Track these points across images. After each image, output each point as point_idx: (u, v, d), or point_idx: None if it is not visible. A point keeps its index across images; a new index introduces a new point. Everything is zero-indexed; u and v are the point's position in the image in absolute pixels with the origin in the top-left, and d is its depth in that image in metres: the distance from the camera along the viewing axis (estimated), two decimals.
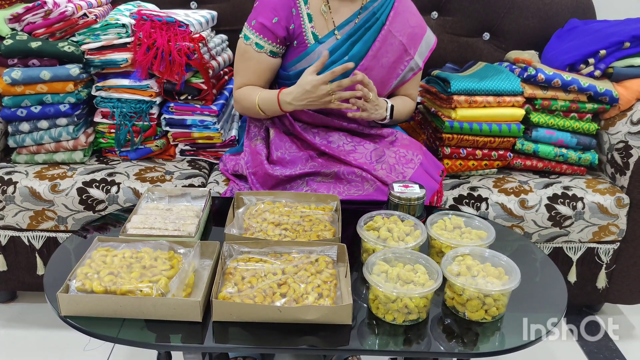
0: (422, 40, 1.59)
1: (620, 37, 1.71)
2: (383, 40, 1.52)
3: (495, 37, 2.09)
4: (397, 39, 1.53)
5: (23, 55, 1.64)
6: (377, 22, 1.52)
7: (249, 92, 1.53)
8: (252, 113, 1.55)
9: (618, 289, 1.76)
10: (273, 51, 1.50)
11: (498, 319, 1.02)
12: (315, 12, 1.51)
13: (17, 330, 1.76)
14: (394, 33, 1.53)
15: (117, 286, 0.98)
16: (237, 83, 1.56)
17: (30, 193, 1.60)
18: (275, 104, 1.45)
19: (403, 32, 1.54)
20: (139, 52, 1.67)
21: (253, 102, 1.50)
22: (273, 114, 1.51)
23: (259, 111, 1.50)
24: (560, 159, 1.74)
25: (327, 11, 1.51)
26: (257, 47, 1.49)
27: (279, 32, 1.48)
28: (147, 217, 1.22)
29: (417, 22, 1.58)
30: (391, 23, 1.52)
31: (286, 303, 0.98)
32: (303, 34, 1.50)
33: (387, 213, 1.23)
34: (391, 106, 1.54)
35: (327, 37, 1.52)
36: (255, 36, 1.48)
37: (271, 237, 1.16)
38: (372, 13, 1.52)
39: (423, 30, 1.60)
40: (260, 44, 1.48)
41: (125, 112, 1.73)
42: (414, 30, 1.57)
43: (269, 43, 1.49)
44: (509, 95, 1.69)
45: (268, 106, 1.48)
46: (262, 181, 1.52)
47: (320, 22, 1.52)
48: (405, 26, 1.55)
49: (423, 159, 1.53)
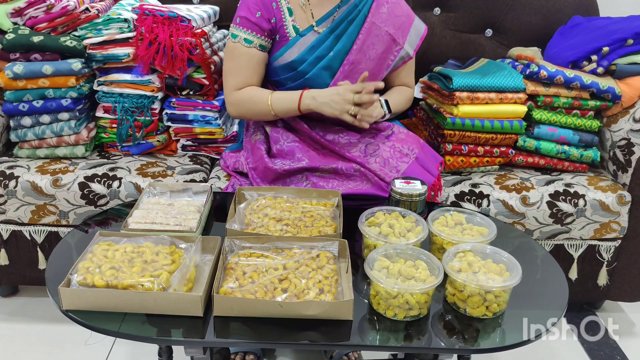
0: (411, 29, 1.59)
1: (623, 34, 1.70)
2: (367, 32, 1.52)
3: (497, 34, 2.09)
4: (382, 29, 1.53)
5: (25, 49, 1.64)
6: (360, 15, 1.52)
7: (254, 92, 1.50)
8: (256, 114, 1.52)
9: (619, 286, 1.76)
10: (262, 44, 1.50)
11: (499, 315, 1.02)
12: (295, 5, 1.51)
13: (19, 324, 1.77)
14: (378, 24, 1.52)
15: (118, 280, 0.99)
16: (232, 84, 1.51)
17: (32, 187, 1.60)
18: (296, 100, 1.44)
19: (388, 22, 1.54)
20: (141, 47, 1.66)
21: (263, 101, 1.47)
22: (285, 112, 1.49)
23: (269, 110, 1.48)
24: (562, 156, 1.74)
25: (306, 4, 1.51)
26: (246, 43, 1.48)
27: (264, 25, 1.48)
28: (148, 212, 1.22)
29: (403, 11, 1.58)
30: (374, 14, 1.52)
31: (287, 298, 0.98)
32: (284, 28, 1.51)
33: (388, 209, 1.23)
34: (385, 101, 1.54)
35: (308, 30, 1.52)
36: (242, 32, 1.48)
37: (272, 233, 1.16)
38: (354, 5, 1.52)
39: (410, 18, 1.60)
40: (248, 38, 1.48)
41: (127, 107, 1.73)
42: (400, 20, 1.56)
43: (257, 37, 1.49)
44: (511, 92, 1.69)
45: (283, 103, 1.47)
46: (263, 176, 1.52)
47: (301, 16, 1.52)
48: (390, 16, 1.54)
49: (419, 153, 1.53)
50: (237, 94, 1.51)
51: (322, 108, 1.42)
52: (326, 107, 1.41)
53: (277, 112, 1.48)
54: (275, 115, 1.49)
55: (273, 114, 1.49)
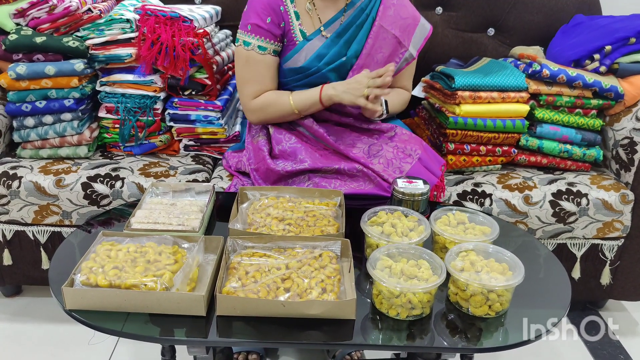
0: (416, 30, 1.58)
1: (625, 32, 1.70)
2: (375, 36, 1.51)
3: (499, 33, 2.08)
4: (389, 33, 1.53)
5: (28, 50, 1.64)
6: (368, 19, 1.51)
7: (274, 96, 1.52)
8: (278, 117, 1.53)
9: (622, 285, 1.76)
10: (275, 50, 1.50)
11: (501, 314, 1.02)
12: (302, 10, 1.51)
13: (22, 324, 1.77)
14: (385, 27, 1.52)
15: (121, 280, 0.99)
16: (250, 93, 1.52)
17: (35, 188, 1.61)
18: (317, 94, 1.47)
19: (395, 25, 1.53)
20: (143, 47, 1.67)
21: (286, 103, 1.50)
22: (309, 108, 1.50)
23: (293, 110, 1.50)
24: (565, 155, 1.74)
25: (312, 9, 1.51)
26: (260, 50, 1.48)
27: (275, 31, 1.48)
28: (151, 212, 1.23)
29: (409, 13, 1.57)
30: (382, 18, 1.51)
31: (290, 298, 0.98)
32: (292, 32, 1.50)
33: (391, 208, 1.23)
34: (385, 101, 1.53)
35: (315, 34, 1.51)
36: (255, 39, 1.47)
37: (275, 232, 1.17)
38: (361, 9, 1.51)
39: (416, 20, 1.58)
40: (262, 45, 1.48)
41: (130, 107, 1.73)
42: (405, 22, 1.56)
43: (270, 43, 1.49)
44: (514, 91, 1.69)
45: (305, 99, 1.49)
46: (265, 177, 1.52)
47: (307, 20, 1.51)
48: (397, 19, 1.54)
49: (422, 154, 1.52)
50: (257, 102, 1.52)
51: (341, 96, 1.45)
52: (345, 95, 1.45)
53: (300, 110, 1.51)
54: (299, 113, 1.51)
55: (297, 113, 1.51)
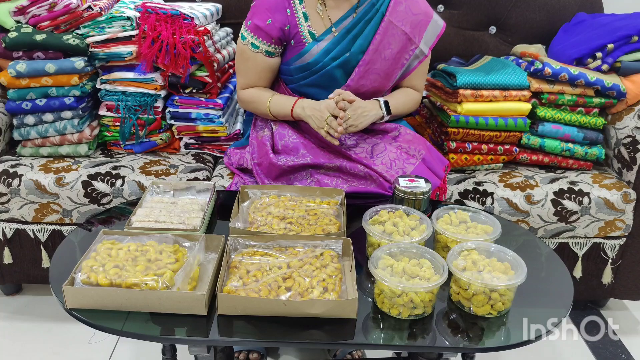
0: (428, 27, 1.55)
1: (628, 31, 1.70)
2: (384, 32, 1.50)
3: (501, 31, 2.08)
4: (399, 29, 1.51)
5: (28, 48, 1.64)
6: (377, 14, 1.50)
7: (257, 94, 1.58)
8: (259, 113, 1.61)
9: (624, 284, 1.75)
10: (269, 51, 1.51)
11: (504, 314, 1.02)
12: (311, 10, 1.50)
13: (23, 322, 1.77)
14: (395, 23, 1.50)
15: (122, 279, 0.98)
16: (240, 83, 1.60)
17: (35, 186, 1.60)
18: (289, 107, 1.51)
19: (405, 22, 1.51)
20: (144, 45, 1.66)
21: (263, 104, 1.55)
22: (282, 117, 1.56)
23: (268, 113, 1.56)
24: (567, 153, 1.73)
25: (322, 9, 1.50)
26: (252, 47, 1.51)
27: (273, 33, 1.49)
28: (152, 211, 1.22)
29: (421, 9, 1.54)
30: (391, 13, 1.50)
31: (291, 297, 0.98)
32: (300, 34, 1.50)
33: (392, 207, 1.22)
34: (385, 102, 1.52)
35: (325, 34, 1.51)
36: (250, 36, 1.50)
37: (276, 231, 1.16)
38: (372, 4, 1.50)
39: (428, 17, 1.55)
40: (255, 44, 1.50)
41: (130, 105, 1.73)
42: (417, 18, 1.53)
43: (263, 43, 1.50)
44: (516, 89, 1.68)
45: (279, 108, 1.54)
46: (267, 172, 1.53)
47: (317, 20, 1.51)
48: (408, 14, 1.52)
49: (426, 155, 1.51)
50: (244, 94, 1.60)
51: (307, 120, 1.48)
52: (309, 119, 1.47)
53: (275, 115, 1.56)
54: (275, 117, 1.57)
55: (272, 117, 1.57)
